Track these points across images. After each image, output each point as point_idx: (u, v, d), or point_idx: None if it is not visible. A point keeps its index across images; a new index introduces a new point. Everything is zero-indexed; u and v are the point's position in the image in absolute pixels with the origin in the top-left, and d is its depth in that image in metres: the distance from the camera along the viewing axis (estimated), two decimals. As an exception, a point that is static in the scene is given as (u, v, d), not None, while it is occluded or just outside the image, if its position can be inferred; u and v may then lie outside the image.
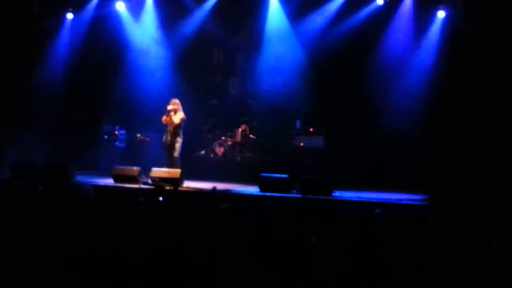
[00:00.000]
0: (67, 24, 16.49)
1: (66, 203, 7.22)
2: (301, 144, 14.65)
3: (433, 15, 14.44)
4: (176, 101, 13.02)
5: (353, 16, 14.90)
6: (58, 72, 16.32)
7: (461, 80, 13.72)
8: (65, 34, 16.53)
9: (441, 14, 14.32)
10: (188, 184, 12.61)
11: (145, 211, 7.11)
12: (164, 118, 12.94)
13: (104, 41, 16.08)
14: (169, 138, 12.94)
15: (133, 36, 16.25)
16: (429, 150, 13.59)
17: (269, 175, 12.35)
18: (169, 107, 12.90)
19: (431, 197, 10.53)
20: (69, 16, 16.36)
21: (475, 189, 10.15)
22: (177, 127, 12.94)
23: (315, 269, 5.06)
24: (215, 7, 15.73)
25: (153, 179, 12.41)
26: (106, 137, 15.91)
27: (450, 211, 8.36)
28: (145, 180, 12.63)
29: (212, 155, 15.66)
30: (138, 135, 15.73)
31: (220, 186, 12.59)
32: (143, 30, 16.22)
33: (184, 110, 13.20)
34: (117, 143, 15.87)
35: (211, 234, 5.34)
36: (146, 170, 12.82)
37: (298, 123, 14.98)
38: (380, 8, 14.75)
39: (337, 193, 11.69)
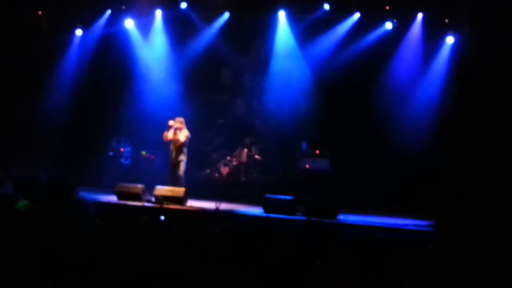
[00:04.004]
0: (76, 40, 16.52)
1: (68, 219, 7.16)
2: (307, 166, 14.56)
3: (441, 41, 14.42)
4: (181, 119, 13.03)
5: (362, 40, 14.91)
6: (66, 88, 16.34)
7: (469, 106, 13.67)
8: (73, 51, 16.56)
9: (449, 40, 14.30)
10: (192, 203, 12.53)
11: (147, 230, 7.03)
12: (165, 134, 12.94)
13: (113, 58, 16.14)
14: (173, 156, 12.92)
15: (141, 54, 16.28)
16: (436, 175, 13.49)
17: (273, 196, 12.27)
18: (171, 122, 12.91)
19: (436, 223, 10.41)
20: (78, 32, 16.41)
21: (481, 216, 10.04)
22: (182, 145, 12.93)
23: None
24: (224, 26, 15.77)
25: (157, 197, 12.34)
26: (111, 154, 15.84)
27: (455, 238, 8.25)
28: (148, 198, 12.56)
29: (217, 175, 15.58)
30: (144, 152, 15.68)
31: (224, 206, 12.52)
32: (152, 48, 16.26)
33: (190, 129, 13.19)
34: (122, 160, 15.81)
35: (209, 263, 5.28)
36: (150, 188, 12.75)
37: (304, 145, 14.91)
38: (389, 33, 14.74)
39: (341, 217, 11.58)
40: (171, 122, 12.94)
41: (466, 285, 5.25)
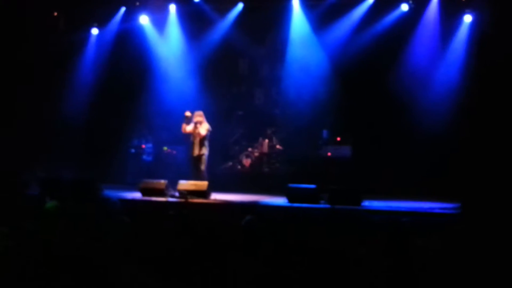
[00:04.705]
0: (92, 39, 16.63)
1: (98, 218, 7.22)
2: (329, 154, 14.51)
3: (459, 20, 14.23)
4: (200, 112, 13.06)
5: (378, 23, 14.77)
6: (86, 87, 16.45)
7: (489, 85, 13.49)
8: (90, 50, 16.67)
9: (467, 18, 14.11)
10: (216, 196, 12.56)
11: (172, 225, 7.07)
12: (183, 126, 12.97)
13: (130, 55, 16.19)
14: (195, 150, 12.95)
15: (157, 49, 16.32)
16: (460, 157, 13.36)
17: (297, 185, 12.25)
18: (188, 113, 12.95)
19: (463, 205, 10.32)
20: (94, 31, 16.50)
21: (508, 196, 9.93)
22: (203, 139, 12.96)
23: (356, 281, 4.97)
24: (239, 17, 15.74)
25: (181, 192, 12.39)
26: (133, 151, 15.94)
27: (483, 219, 8.18)
28: (172, 193, 12.62)
29: (239, 167, 15.60)
30: (165, 148, 15.74)
31: (248, 197, 12.55)
32: (168, 43, 16.30)
33: (210, 122, 13.19)
34: (144, 157, 15.90)
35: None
36: (173, 183, 12.81)
37: (325, 133, 14.85)
38: (405, 14, 14.59)
39: (366, 203, 11.54)
40: (188, 113, 12.98)
41: (491, 268, 5.22)
